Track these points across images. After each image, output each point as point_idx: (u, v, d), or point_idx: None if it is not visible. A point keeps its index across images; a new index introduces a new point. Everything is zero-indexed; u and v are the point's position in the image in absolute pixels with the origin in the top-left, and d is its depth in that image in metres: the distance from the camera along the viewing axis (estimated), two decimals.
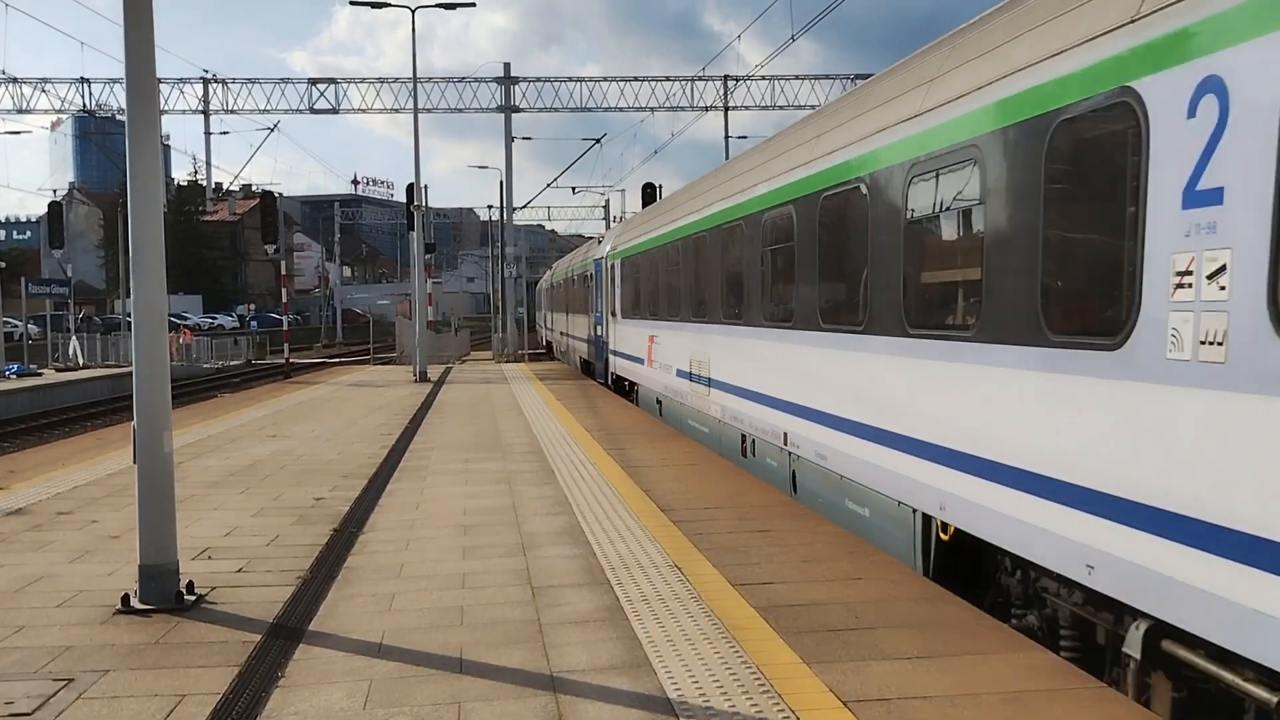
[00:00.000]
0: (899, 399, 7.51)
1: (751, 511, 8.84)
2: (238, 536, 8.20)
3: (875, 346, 7.93)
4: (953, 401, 6.67)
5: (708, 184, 14.98)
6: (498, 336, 42.67)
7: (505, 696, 4.78)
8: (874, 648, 5.33)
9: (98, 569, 7.19)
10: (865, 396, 8.19)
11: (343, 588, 6.65)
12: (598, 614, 5.98)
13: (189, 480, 10.71)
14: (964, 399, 6.52)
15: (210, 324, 73.61)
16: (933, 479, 6.88)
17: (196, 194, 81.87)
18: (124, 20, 6.11)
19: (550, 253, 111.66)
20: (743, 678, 4.96)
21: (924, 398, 7.09)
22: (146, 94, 6.23)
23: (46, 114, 40.22)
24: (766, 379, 10.94)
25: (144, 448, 6.19)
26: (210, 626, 5.86)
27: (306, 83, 38.97)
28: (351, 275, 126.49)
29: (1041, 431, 5.63)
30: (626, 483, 10.34)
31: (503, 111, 38.54)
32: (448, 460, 12.21)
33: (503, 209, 41.79)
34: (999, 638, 5.53)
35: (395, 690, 4.87)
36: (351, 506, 9.35)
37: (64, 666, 5.25)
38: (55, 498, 9.95)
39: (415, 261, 31.34)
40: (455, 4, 30.03)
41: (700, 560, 7.16)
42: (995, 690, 4.74)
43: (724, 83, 39.96)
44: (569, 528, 8.30)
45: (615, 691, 4.81)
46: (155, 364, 6.25)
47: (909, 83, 7.72)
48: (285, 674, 5.09)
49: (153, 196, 6.24)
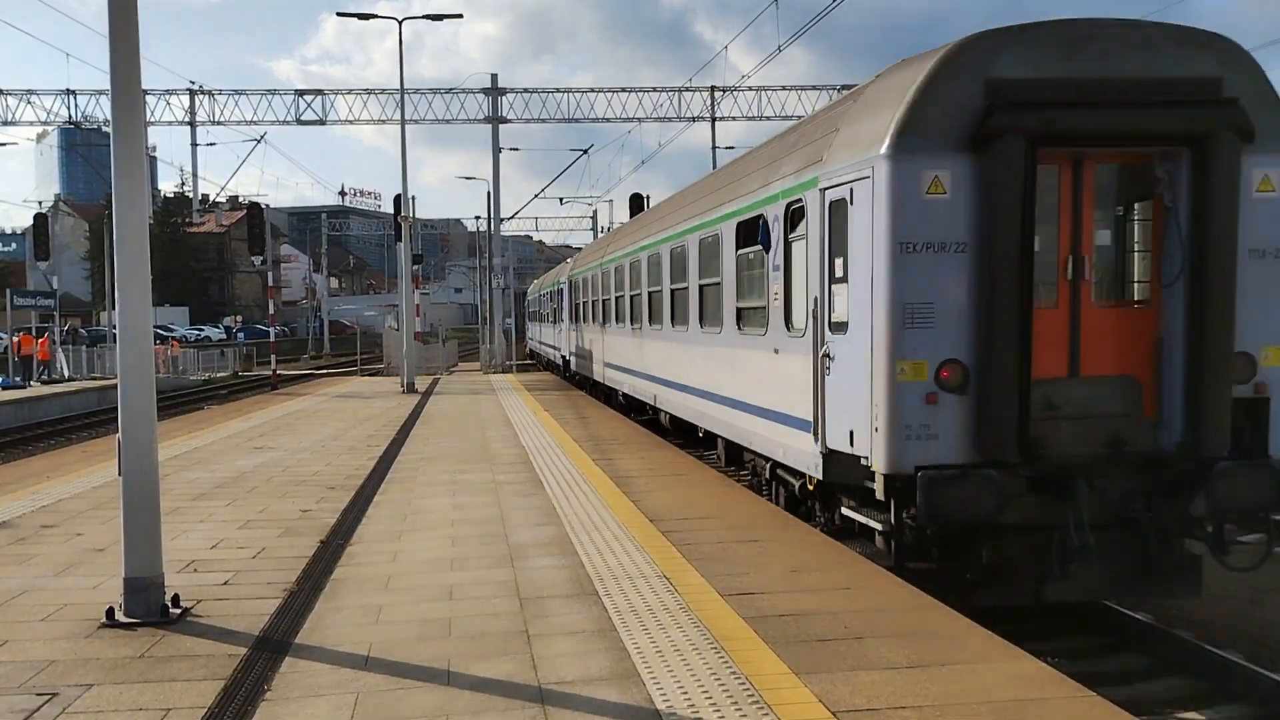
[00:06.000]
0: (698, 370, 13.50)
1: (740, 521, 8.83)
2: (224, 549, 8.15)
3: (665, 335, 15.48)
4: (709, 369, 12.88)
5: (606, 240, 24.75)
6: (485, 347, 42.61)
7: (493, 709, 4.76)
8: (863, 657, 5.32)
9: (82, 582, 7.14)
10: (679, 369, 14.62)
11: (330, 600, 6.62)
12: (586, 625, 5.97)
13: (175, 493, 10.65)
14: (716, 367, 12.47)
15: (197, 336, 73.27)
16: (703, 410, 13.27)
17: (183, 205, 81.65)
18: (109, 31, 6.08)
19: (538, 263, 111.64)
20: (731, 688, 4.94)
21: (699, 368, 13.41)
22: (132, 105, 6.21)
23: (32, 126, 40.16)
24: (643, 362, 17.79)
25: (130, 460, 6.15)
26: (196, 640, 5.82)
27: (294, 94, 38.92)
28: (339, 287, 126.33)
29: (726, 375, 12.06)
30: (614, 493, 10.32)
31: (490, 123, 38.56)
32: (435, 471, 12.18)
33: (490, 220, 41.79)
34: (987, 647, 5.54)
35: (382, 703, 4.84)
36: (339, 518, 9.31)
37: (48, 681, 5.20)
38: (40, 511, 9.88)
39: (403, 273, 31.30)
40: (443, 16, 30.06)
41: (689, 570, 7.15)
42: (983, 699, 4.75)
43: (711, 94, 40.07)
44: (557, 538, 8.28)
45: (604, 703, 4.80)
46: (141, 376, 6.22)
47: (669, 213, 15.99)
48: (272, 687, 5.06)
49: (138, 208, 6.21)
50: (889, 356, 7.55)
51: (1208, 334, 7.53)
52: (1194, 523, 7.95)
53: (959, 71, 7.60)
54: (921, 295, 7.53)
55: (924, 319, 7.54)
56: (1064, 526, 7.51)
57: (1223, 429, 7.57)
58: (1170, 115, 7.56)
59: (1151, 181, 7.87)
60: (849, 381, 8.11)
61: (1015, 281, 7.37)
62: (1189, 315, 7.62)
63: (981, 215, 7.46)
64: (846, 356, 8.20)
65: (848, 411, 8.16)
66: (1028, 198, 7.38)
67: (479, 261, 64.66)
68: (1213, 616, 9.70)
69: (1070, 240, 7.85)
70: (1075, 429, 7.70)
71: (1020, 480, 7.48)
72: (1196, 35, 7.87)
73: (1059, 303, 7.84)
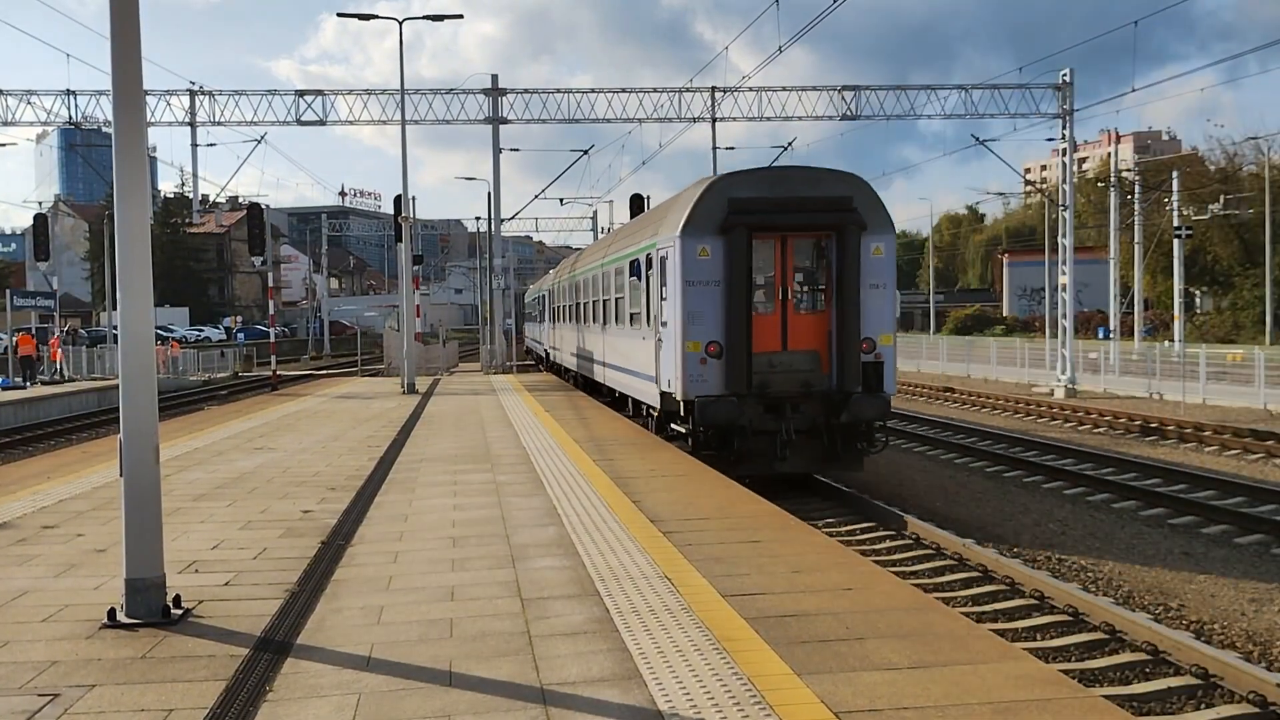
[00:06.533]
0: (605, 349, 20.62)
1: (741, 522, 8.83)
2: (225, 549, 8.15)
3: (598, 331, 22.17)
4: (610, 348, 20.26)
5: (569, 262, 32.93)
6: (486, 348, 42.58)
7: (495, 709, 4.76)
8: (865, 658, 5.32)
9: (83, 583, 7.14)
10: (600, 351, 21.78)
11: (331, 600, 6.62)
12: (588, 626, 5.97)
13: (176, 493, 10.65)
14: (614, 346, 19.69)
15: (197, 336, 73.25)
16: (614, 376, 19.83)
17: (183, 206, 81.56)
18: (110, 31, 6.08)
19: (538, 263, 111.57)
20: (734, 689, 4.94)
21: (603, 347, 21.04)
22: (133, 106, 6.20)
23: (31, 126, 40.00)
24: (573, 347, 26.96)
25: (130, 460, 6.15)
26: (197, 640, 5.82)
27: (294, 94, 38.89)
28: (339, 287, 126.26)
29: (625, 354, 18.63)
30: (615, 493, 10.32)
31: (490, 123, 38.54)
32: (436, 472, 12.18)
33: (490, 221, 41.78)
34: (989, 647, 5.54)
35: (384, 704, 4.84)
36: (340, 519, 9.31)
37: (49, 681, 5.20)
38: (40, 511, 9.87)
39: (403, 273, 31.28)
40: (443, 16, 30.03)
41: (690, 571, 7.15)
42: (985, 700, 4.75)
43: (711, 94, 40.05)
44: (558, 539, 8.28)
45: (606, 704, 4.80)
46: (142, 377, 6.22)
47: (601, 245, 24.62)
48: (273, 688, 5.06)
49: (140, 209, 6.21)
50: (683, 340, 14.06)
51: (849, 329, 14.00)
52: (847, 426, 14.09)
53: (715, 194, 14.13)
54: (698, 308, 13.99)
55: (699, 320, 14.00)
56: (780, 431, 13.95)
57: (858, 378, 14.01)
58: (826, 217, 14.12)
59: (820, 249, 14.44)
60: (667, 354, 14.73)
61: (743, 301, 13.84)
62: (840, 319, 14.04)
63: (726, 268, 13.91)
64: (666, 340, 14.81)
65: (666, 369, 14.75)
66: (749, 260, 13.92)
67: (479, 262, 64.64)
68: (1213, 617, 9.70)
69: (781, 279, 14.41)
70: (785, 378, 14.15)
71: (753, 404, 13.88)
72: (840, 174, 14.75)
73: (775, 311, 14.39)
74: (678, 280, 14.03)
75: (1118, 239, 45.90)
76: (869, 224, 14.10)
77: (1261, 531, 12.86)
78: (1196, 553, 12.24)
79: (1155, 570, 11.46)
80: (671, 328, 14.34)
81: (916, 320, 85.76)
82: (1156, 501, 14.79)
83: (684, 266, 13.95)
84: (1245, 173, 61.66)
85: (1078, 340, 35.12)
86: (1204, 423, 22.85)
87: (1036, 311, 71.75)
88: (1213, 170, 64.75)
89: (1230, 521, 13.40)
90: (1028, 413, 28.13)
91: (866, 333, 14.10)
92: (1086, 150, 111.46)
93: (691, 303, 13.95)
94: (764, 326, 14.07)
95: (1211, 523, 13.54)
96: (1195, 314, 61.02)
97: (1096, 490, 15.87)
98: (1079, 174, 70.34)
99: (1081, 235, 56.86)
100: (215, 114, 38.23)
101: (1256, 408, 26.28)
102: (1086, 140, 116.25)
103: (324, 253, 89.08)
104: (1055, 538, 13.09)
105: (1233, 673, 7.59)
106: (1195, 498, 14.78)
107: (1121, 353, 37.12)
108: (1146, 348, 40.64)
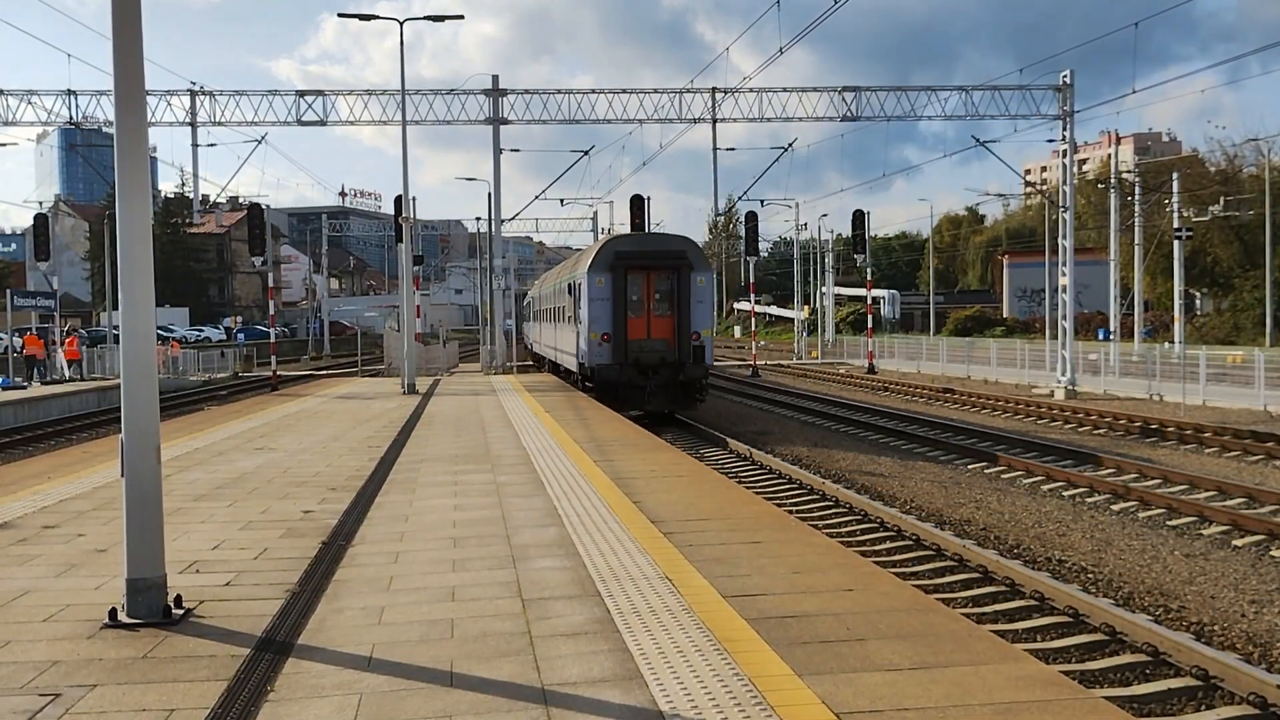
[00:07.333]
0: (560, 340, 31.39)
1: (741, 523, 8.84)
2: (226, 550, 8.15)
3: (552, 327, 34.65)
4: (560, 338, 31.59)
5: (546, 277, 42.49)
6: (486, 349, 42.62)
7: (496, 710, 4.76)
8: (866, 659, 5.33)
9: (84, 583, 7.14)
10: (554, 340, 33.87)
11: (332, 601, 6.62)
12: (589, 626, 5.97)
13: (176, 493, 10.65)
14: (561, 337, 31.06)
15: (197, 337, 73.24)
16: (560, 357, 31.70)
17: (183, 206, 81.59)
18: (112, 31, 6.08)
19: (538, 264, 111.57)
20: (735, 690, 4.95)
21: (560, 340, 31.36)
22: (135, 106, 6.21)
23: (32, 126, 40.05)
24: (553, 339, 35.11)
25: (131, 460, 6.15)
26: (198, 640, 5.82)
27: (294, 94, 38.91)
28: (339, 287, 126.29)
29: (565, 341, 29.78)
30: (616, 494, 10.33)
31: (491, 124, 38.57)
32: (437, 472, 12.18)
33: (491, 222, 41.80)
34: (990, 648, 5.54)
35: (385, 704, 4.84)
36: (340, 519, 9.31)
37: (50, 681, 5.21)
38: (41, 511, 9.88)
39: (403, 274, 31.30)
40: (443, 17, 30.06)
41: (691, 572, 7.15)
42: (986, 701, 4.75)
43: (712, 95, 40.09)
44: (559, 539, 8.29)
45: (607, 704, 4.80)
46: (143, 377, 6.22)
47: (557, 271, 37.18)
48: (274, 688, 5.06)
49: (141, 210, 6.21)
50: (589, 331, 24.43)
51: (684, 326, 24.27)
52: (684, 383, 24.27)
53: (607, 249, 25.20)
54: (597, 314, 24.31)
55: (599, 320, 24.27)
56: (646, 386, 24.01)
57: (689, 354, 24.12)
58: (671, 260, 24.62)
59: (668, 280, 24.53)
60: (583, 340, 24.93)
61: (623, 309, 24.23)
62: (679, 320, 24.33)
63: (613, 290, 24.25)
64: (580, 332, 25.24)
65: (581, 350, 25.21)
66: (625, 286, 24.34)
67: (479, 262, 64.66)
68: (1213, 618, 9.70)
69: (646, 297, 24.55)
70: (649, 354, 24.16)
71: (630, 369, 23.92)
72: (680, 238, 27.14)
73: (643, 315, 24.49)
74: (585, 297, 24.58)
75: (1118, 240, 45.98)
76: (695, 266, 24.51)
77: (1261, 533, 12.86)
78: (1196, 554, 12.24)
79: (1155, 572, 11.46)
80: (584, 324, 24.79)
81: (917, 321, 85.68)
82: (1157, 502, 14.80)
83: (589, 290, 24.38)
84: (1246, 174, 61.63)
85: (1078, 341, 35.13)
86: (1204, 424, 22.86)
87: (1036, 313, 71.78)
88: (1213, 172, 64.70)
89: (1230, 523, 13.40)
90: (1028, 414, 28.14)
91: (695, 328, 24.30)
92: (1087, 151, 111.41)
93: (594, 310, 24.29)
94: (636, 324, 24.37)
95: (1211, 524, 13.54)
96: (1195, 315, 61.03)
97: (1096, 491, 15.88)
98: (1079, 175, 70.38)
99: (1081, 237, 56.87)
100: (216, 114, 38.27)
101: (1256, 409, 26.29)
102: (1087, 141, 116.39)
103: (324, 253, 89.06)
104: (1055, 539, 13.09)
105: (1233, 674, 7.59)
106: (1195, 499, 14.78)
107: (1121, 354, 37.16)
108: (1146, 349, 40.67)
